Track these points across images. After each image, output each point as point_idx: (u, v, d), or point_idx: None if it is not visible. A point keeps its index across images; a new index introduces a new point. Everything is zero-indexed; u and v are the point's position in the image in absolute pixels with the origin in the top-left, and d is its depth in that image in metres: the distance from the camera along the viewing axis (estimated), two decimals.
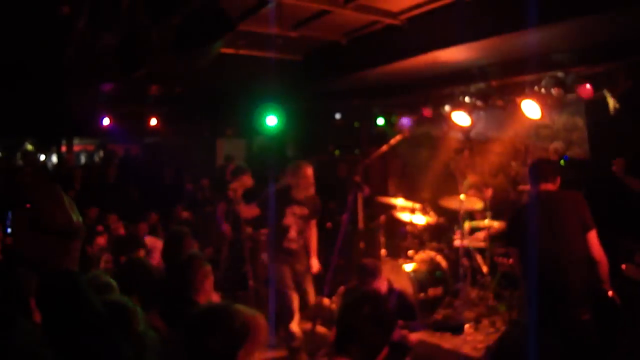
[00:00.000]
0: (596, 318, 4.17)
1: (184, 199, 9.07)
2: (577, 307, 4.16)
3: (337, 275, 5.68)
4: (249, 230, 7.27)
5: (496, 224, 6.87)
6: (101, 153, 12.11)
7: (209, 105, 9.85)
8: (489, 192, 7.21)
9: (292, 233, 5.76)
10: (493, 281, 6.80)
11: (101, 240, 6.48)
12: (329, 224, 8.58)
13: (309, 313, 5.96)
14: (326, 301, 6.19)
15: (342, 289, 5.75)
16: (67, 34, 5.30)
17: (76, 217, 1.45)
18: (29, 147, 11.06)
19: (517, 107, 6.99)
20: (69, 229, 1.42)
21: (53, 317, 1.36)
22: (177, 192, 9.36)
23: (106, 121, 9.35)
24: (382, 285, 4.77)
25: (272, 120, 9.10)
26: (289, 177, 5.62)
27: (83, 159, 12.66)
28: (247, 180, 6.55)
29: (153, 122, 9.65)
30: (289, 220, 5.71)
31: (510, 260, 6.33)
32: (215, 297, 4.23)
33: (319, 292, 5.93)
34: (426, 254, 7.19)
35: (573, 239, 4.23)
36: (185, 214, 8.78)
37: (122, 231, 6.93)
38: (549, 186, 4.45)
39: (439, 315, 6.73)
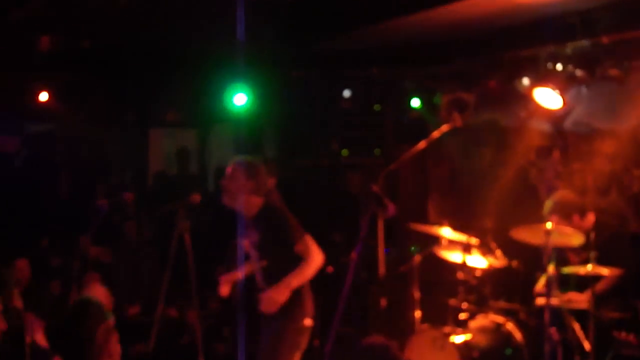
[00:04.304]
0: None
1: (93, 223, 8.96)
2: None
3: (339, 350, 5.54)
4: None
5: (607, 272, 6.67)
6: None
7: (138, 72, 9.76)
8: (592, 219, 7.09)
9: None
10: None
11: None
12: (330, 268, 8.49)
13: None
14: None
15: None
16: None
17: None
18: None
19: None
20: None
21: None
22: (81, 212, 9.25)
23: None
24: None
25: (240, 100, 9.05)
26: None
27: None
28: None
29: (43, 97, 9.55)
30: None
31: (633, 337, 6.21)
32: None
33: None
34: (489, 319, 7.15)
35: None
36: (94, 250, 8.69)
37: None
38: None
39: None
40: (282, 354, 5.81)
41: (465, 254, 7.33)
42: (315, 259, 5.79)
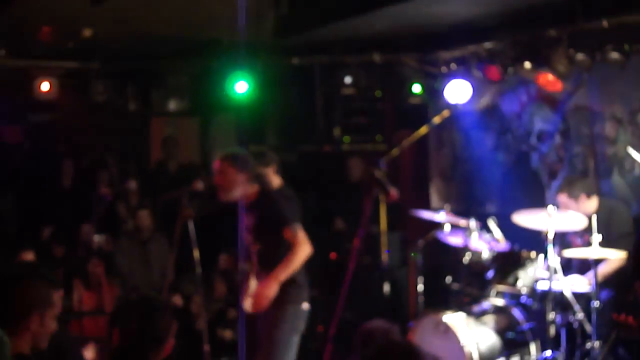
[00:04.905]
0: None
1: (96, 212, 8.99)
2: None
3: (344, 335, 5.57)
4: None
5: (610, 254, 6.72)
6: None
7: (140, 61, 9.76)
8: (595, 202, 7.14)
9: None
10: (604, 349, 6.67)
11: None
12: (333, 254, 8.52)
13: None
14: None
15: None
16: None
17: None
18: None
19: None
20: None
21: None
22: (84, 201, 9.27)
23: None
24: None
25: (242, 88, 9.05)
26: None
27: None
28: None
29: (44, 87, 9.50)
30: None
31: (632, 320, 6.24)
32: None
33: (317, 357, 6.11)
34: (492, 303, 7.18)
35: None
36: (97, 239, 8.74)
37: None
38: None
39: None
40: (281, 337, 5.86)
41: (467, 238, 7.38)
42: (302, 248, 5.80)
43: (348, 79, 9.68)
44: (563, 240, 7.33)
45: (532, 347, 6.91)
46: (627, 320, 6.40)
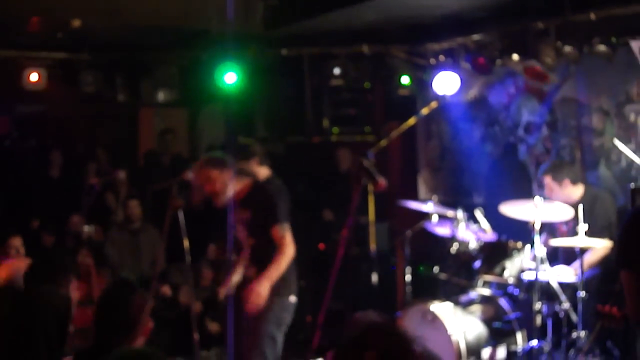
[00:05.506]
0: None
1: (85, 203, 8.97)
2: None
3: (331, 325, 5.59)
4: None
5: (596, 244, 6.77)
6: None
7: (129, 52, 9.74)
8: (579, 191, 7.19)
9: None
10: (590, 338, 6.71)
11: None
12: (321, 245, 8.54)
13: None
14: None
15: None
16: None
17: None
18: None
19: (632, 54, 6.90)
20: None
21: None
22: (73, 192, 9.25)
23: None
24: None
25: (230, 79, 9.05)
26: None
27: None
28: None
29: (33, 77, 9.46)
30: None
31: (616, 310, 6.26)
32: None
33: (305, 347, 5.99)
34: (479, 293, 7.21)
35: None
36: (86, 229, 8.72)
37: None
38: None
39: None
40: (267, 329, 5.89)
41: (455, 229, 7.38)
42: (289, 250, 5.85)
43: (337, 70, 9.65)
44: (549, 228, 7.37)
45: (519, 337, 6.95)
46: (611, 311, 6.42)
